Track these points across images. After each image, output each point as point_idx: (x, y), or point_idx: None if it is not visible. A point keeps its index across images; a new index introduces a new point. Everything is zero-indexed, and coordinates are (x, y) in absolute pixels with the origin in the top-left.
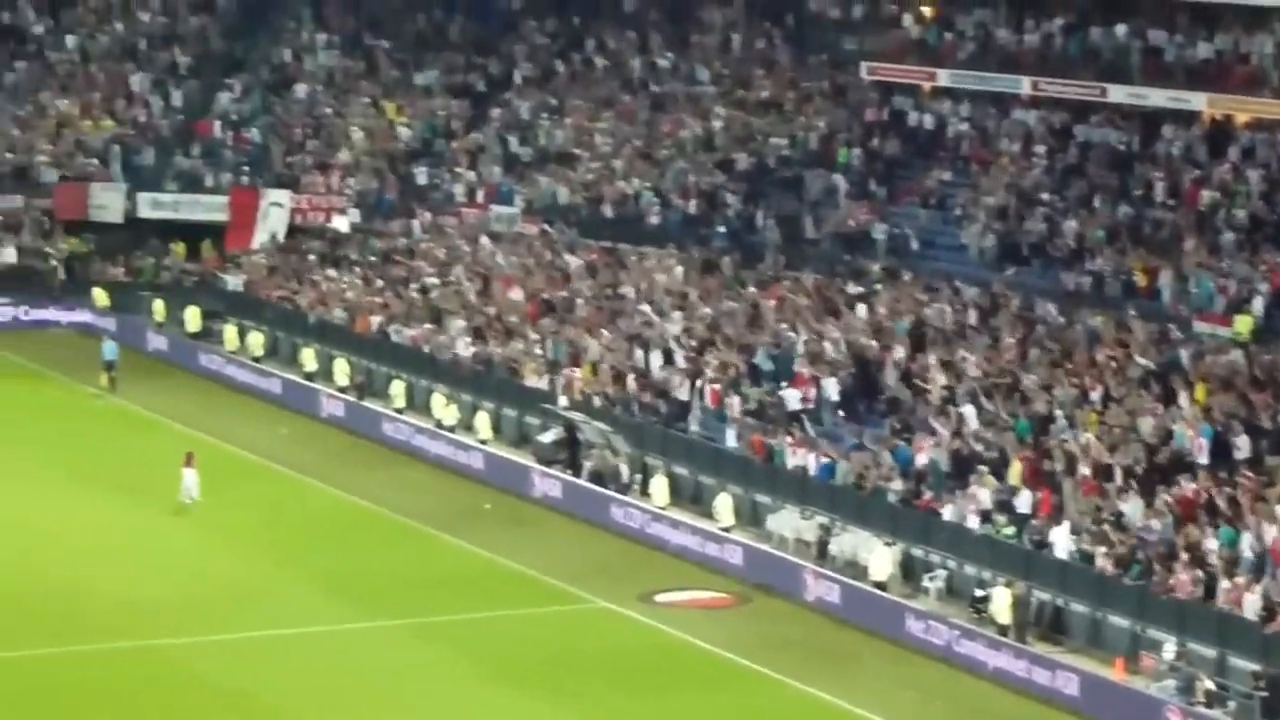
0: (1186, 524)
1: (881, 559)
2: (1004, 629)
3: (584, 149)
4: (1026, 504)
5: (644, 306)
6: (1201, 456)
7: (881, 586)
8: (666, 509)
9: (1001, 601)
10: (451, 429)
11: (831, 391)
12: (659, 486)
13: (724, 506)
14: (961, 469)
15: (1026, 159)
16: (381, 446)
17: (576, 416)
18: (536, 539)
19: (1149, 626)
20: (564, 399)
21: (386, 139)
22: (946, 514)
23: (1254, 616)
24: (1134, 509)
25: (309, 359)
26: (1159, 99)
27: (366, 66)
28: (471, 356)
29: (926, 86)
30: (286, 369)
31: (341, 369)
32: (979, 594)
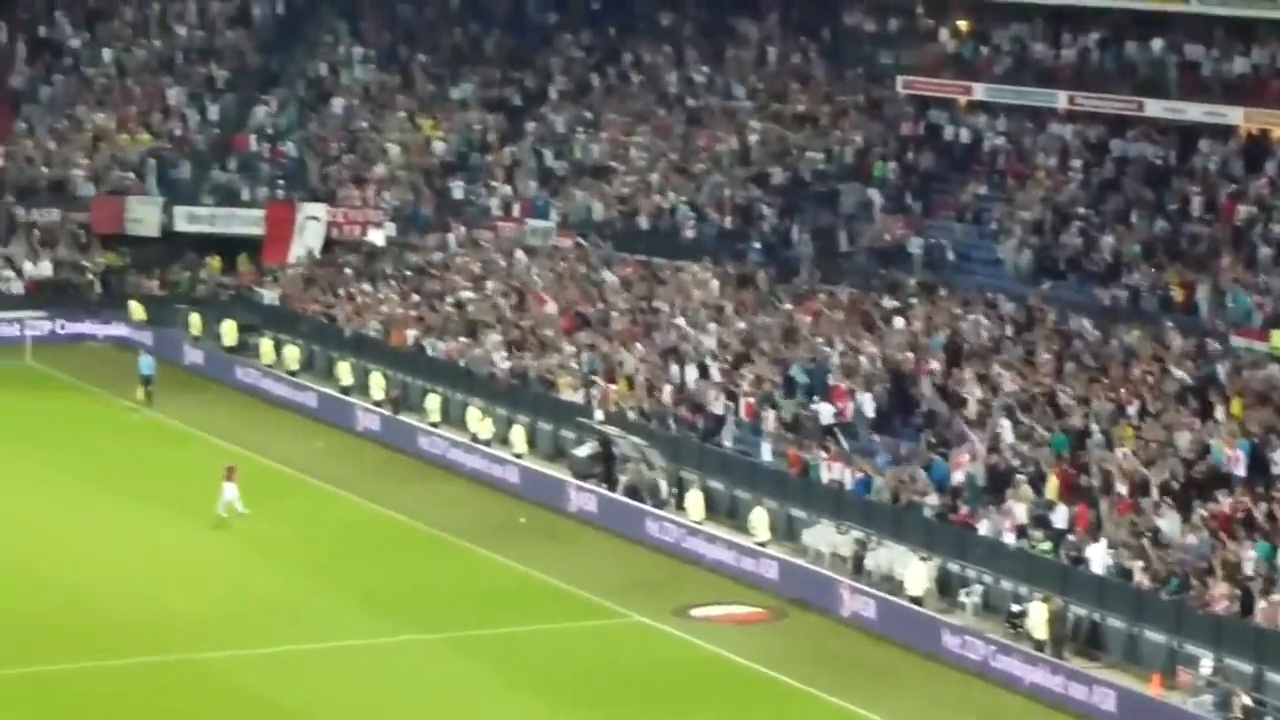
0: (1223, 539)
1: (917, 574)
2: (1040, 644)
3: (619, 163)
4: (1063, 519)
5: (679, 320)
6: (1238, 471)
7: (918, 601)
8: (702, 523)
9: (1038, 617)
10: (487, 443)
11: (867, 406)
12: (694, 501)
13: (759, 521)
14: (997, 484)
15: (1063, 173)
16: (417, 460)
17: (612, 430)
18: (572, 553)
19: (1186, 642)
20: (599, 413)
21: (422, 153)
22: (982, 529)
23: None
24: (1171, 524)
25: (345, 373)
26: (1195, 113)
27: (402, 80)
28: (507, 370)
29: (962, 100)
30: (322, 383)
31: (377, 383)
32: (1015, 609)
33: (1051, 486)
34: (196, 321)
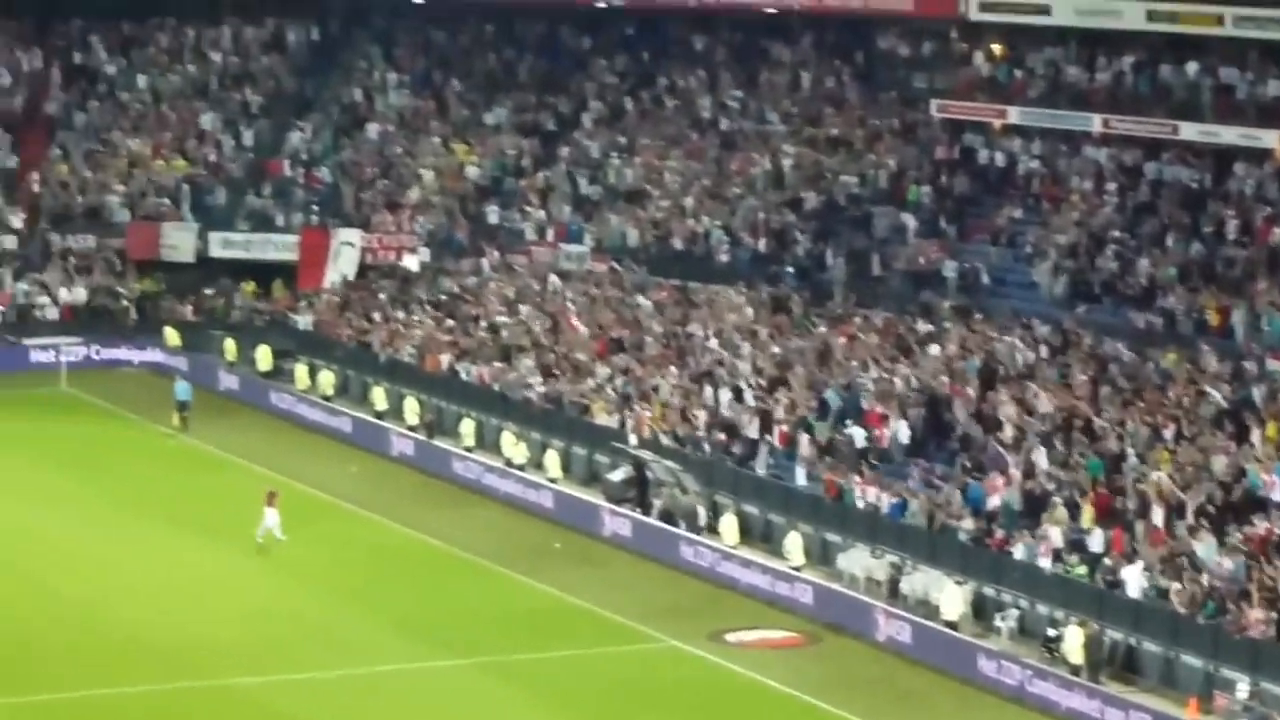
0: (1260, 562)
1: (953, 598)
2: (1076, 669)
3: (653, 187)
4: (1099, 543)
5: (713, 344)
6: (1275, 494)
7: (953, 626)
8: (736, 548)
9: (1074, 641)
10: (521, 467)
11: (902, 430)
12: (729, 525)
13: (794, 545)
14: (1033, 508)
15: (1098, 196)
16: (451, 485)
17: (646, 455)
18: (606, 578)
19: (1222, 666)
20: (633, 437)
21: (456, 178)
22: (1018, 553)
23: None
24: (1207, 548)
25: (379, 398)
26: (1230, 136)
27: (437, 106)
28: (541, 395)
29: (997, 124)
30: (357, 408)
31: (411, 407)
32: (1051, 633)
33: (1087, 510)
34: (231, 347)
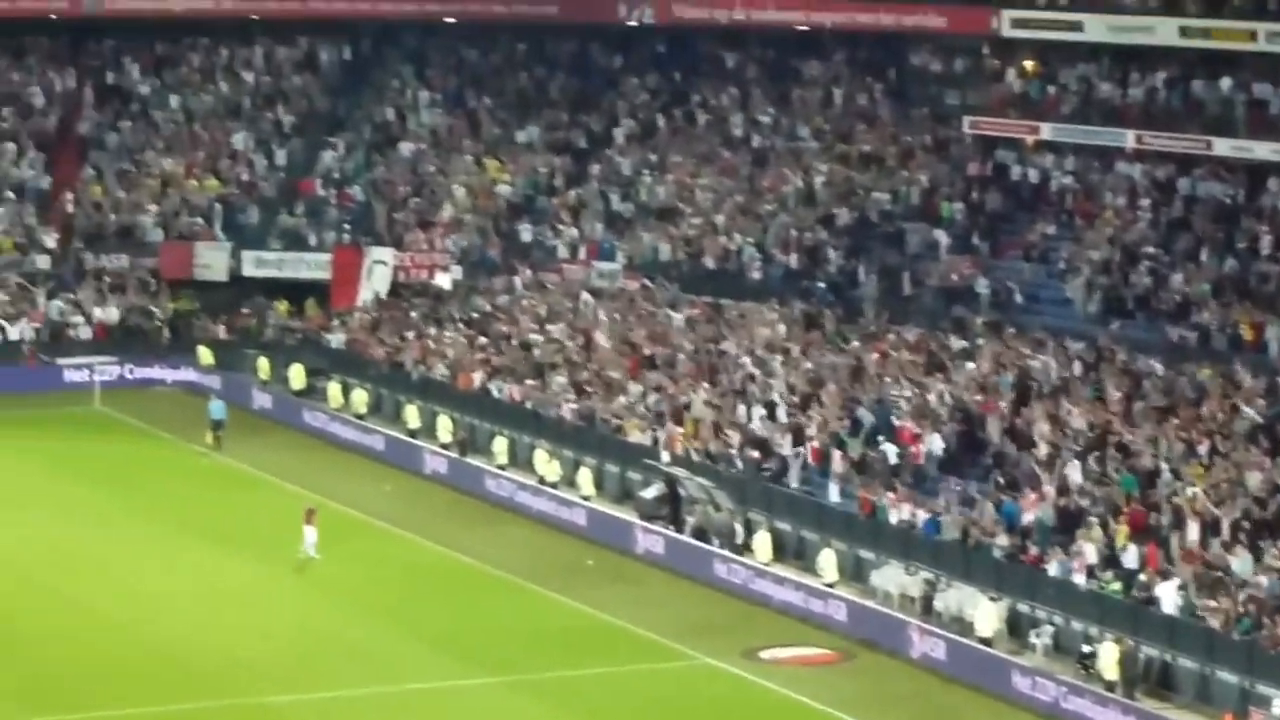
0: None
1: (987, 615)
2: (1111, 685)
3: (685, 204)
4: (1133, 559)
5: (745, 361)
6: None
7: (987, 642)
8: (770, 565)
9: (1109, 657)
10: (554, 485)
11: (936, 446)
12: (762, 542)
13: (828, 562)
14: (1067, 524)
15: (1131, 212)
16: (484, 503)
17: (679, 472)
18: (639, 595)
19: (1258, 682)
20: (666, 454)
21: (489, 196)
22: (1052, 569)
23: None
24: (1242, 564)
25: (412, 416)
26: (1264, 152)
27: (469, 124)
28: (574, 412)
29: (1029, 140)
30: (390, 426)
31: (445, 425)
32: (1086, 650)
33: (1122, 527)
34: (264, 366)
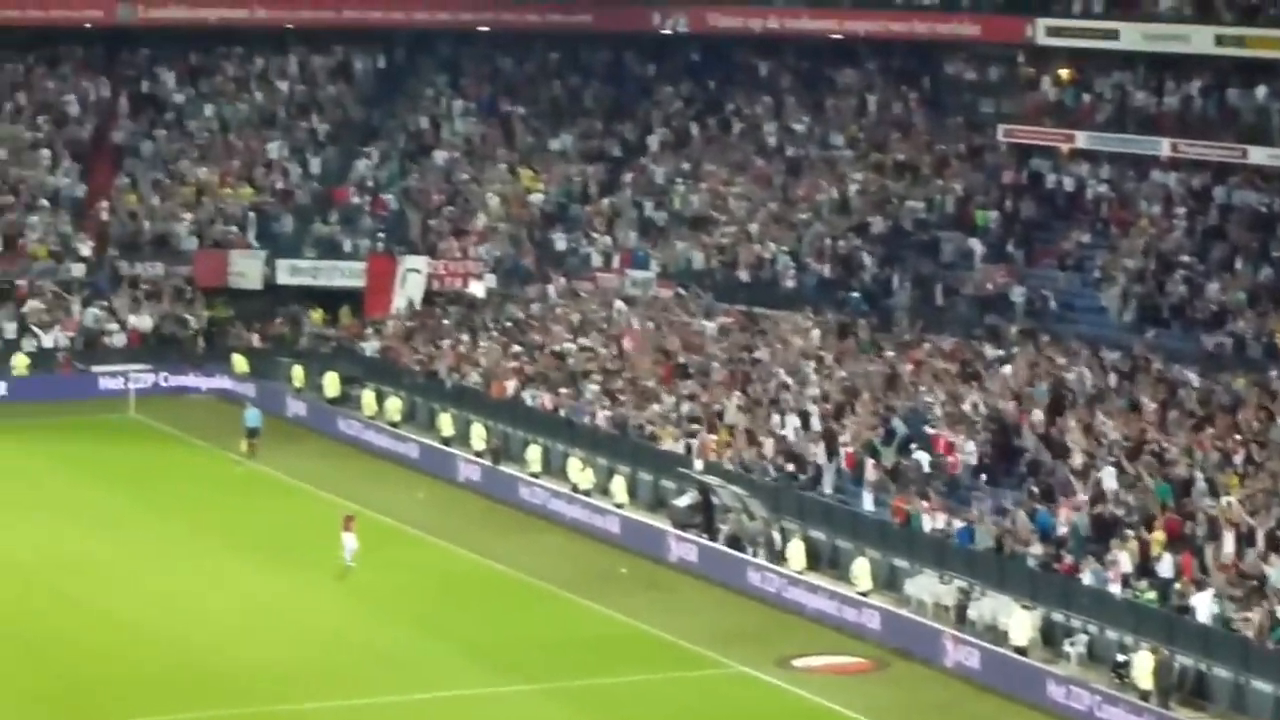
0: None
1: (1021, 623)
2: (1146, 694)
3: (719, 213)
4: (1168, 568)
5: (779, 370)
6: None
7: (1022, 651)
8: (803, 573)
9: (1143, 666)
10: (587, 493)
11: (970, 455)
12: (795, 550)
13: (861, 571)
14: (1102, 533)
15: (1166, 221)
16: (518, 510)
17: (712, 480)
18: (673, 603)
19: None
20: (699, 463)
21: (522, 205)
22: (1086, 578)
23: None
24: (1277, 573)
25: (446, 424)
26: None
27: (503, 133)
28: (607, 421)
29: (1064, 149)
30: (424, 434)
31: (478, 433)
32: (1120, 659)
33: (1157, 536)
34: (299, 373)
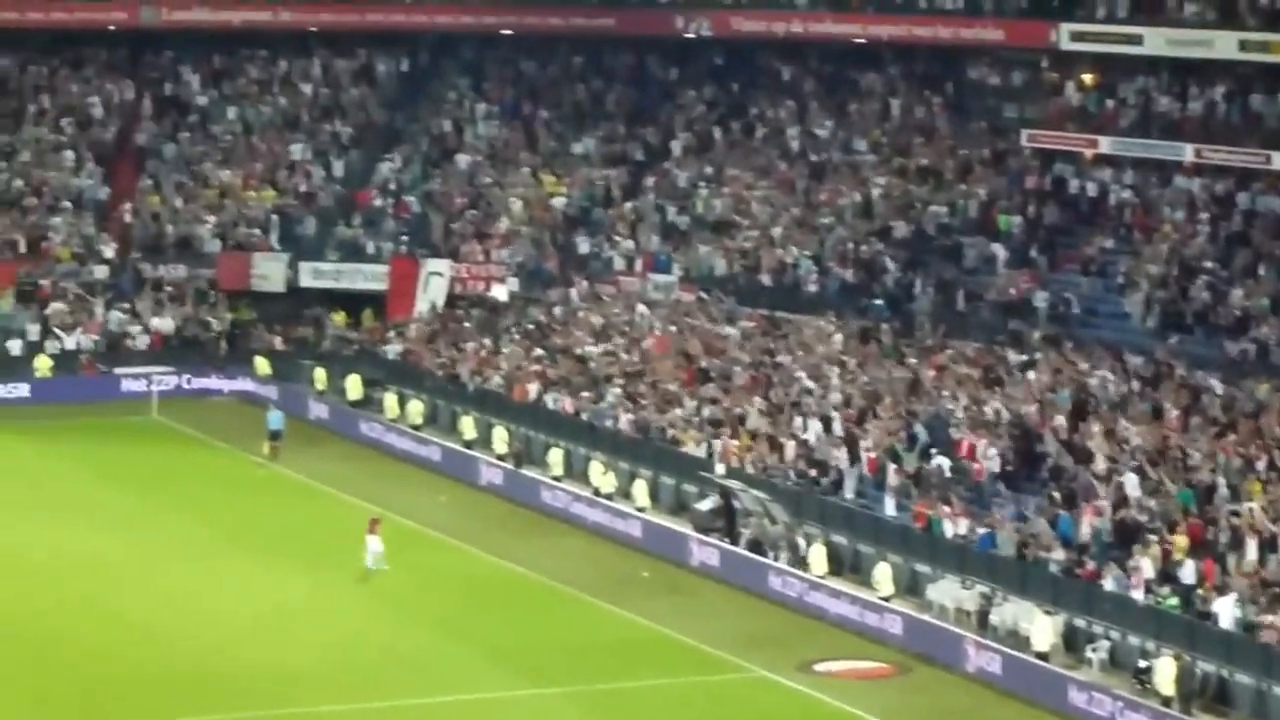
0: None
1: (1043, 629)
2: (1168, 700)
3: (742, 217)
4: (1190, 574)
5: (801, 374)
6: None
7: (1043, 657)
8: (825, 578)
9: (1165, 673)
10: (609, 497)
11: (992, 460)
12: (817, 555)
13: (883, 576)
14: (1124, 538)
15: (1190, 226)
16: (540, 514)
17: (734, 484)
18: (694, 607)
19: None
20: (721, 467)
21: (545, 208)
22: (1108, 584)
23: None
24: None
25: (468, 427)
26: None
27: (525, 136)
28: (629, 424)
29: (1088, 154)
30: (446, 437)
31: (500, 437)
32: (1142, 665)
33: (1179, 541)
34: (321, 376)
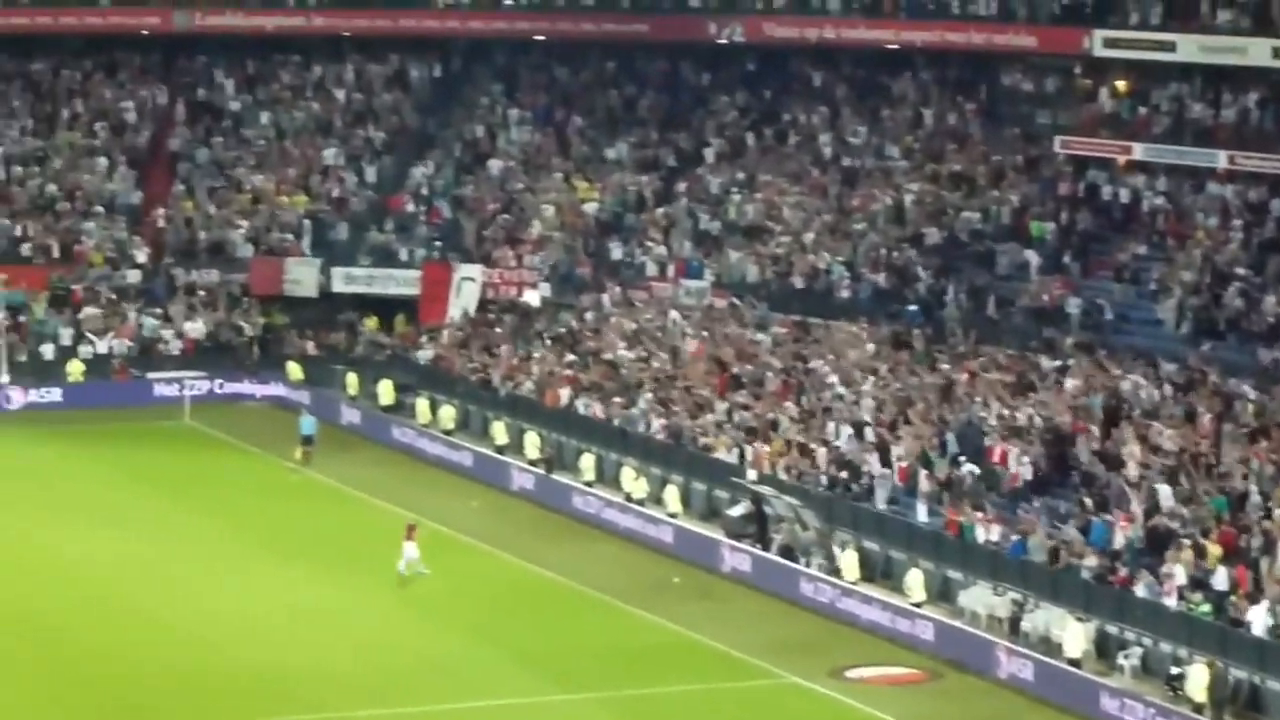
0: None
1: (1075, 636)
2: (1200, 707)
3: (774, 223)
4: (1223, 581)
5: (833, 380)
6: None
7: (1075, 663)
8: (856, 584)
9: (1198, 679)
10: (641, 502)
11: (1025, 467)
12: (849, 561)
13: (915, 582)
14: (1156, 545)
15: (1223, 233)
16: (571, 519)
17: (766, 490)
18: (726, 613)
19: None
20: (752, 473)
21: (577, 214)
22: (1141, 590)
23: None
24: None
25: (500, 432)
26: None
27: (558, 142)
28: (660, 429)
29: (1121, 160)
30: (478, 442)
31: (532, 442)
32: (1175, 671)
33: (1211, 548)
34: (353, 381)
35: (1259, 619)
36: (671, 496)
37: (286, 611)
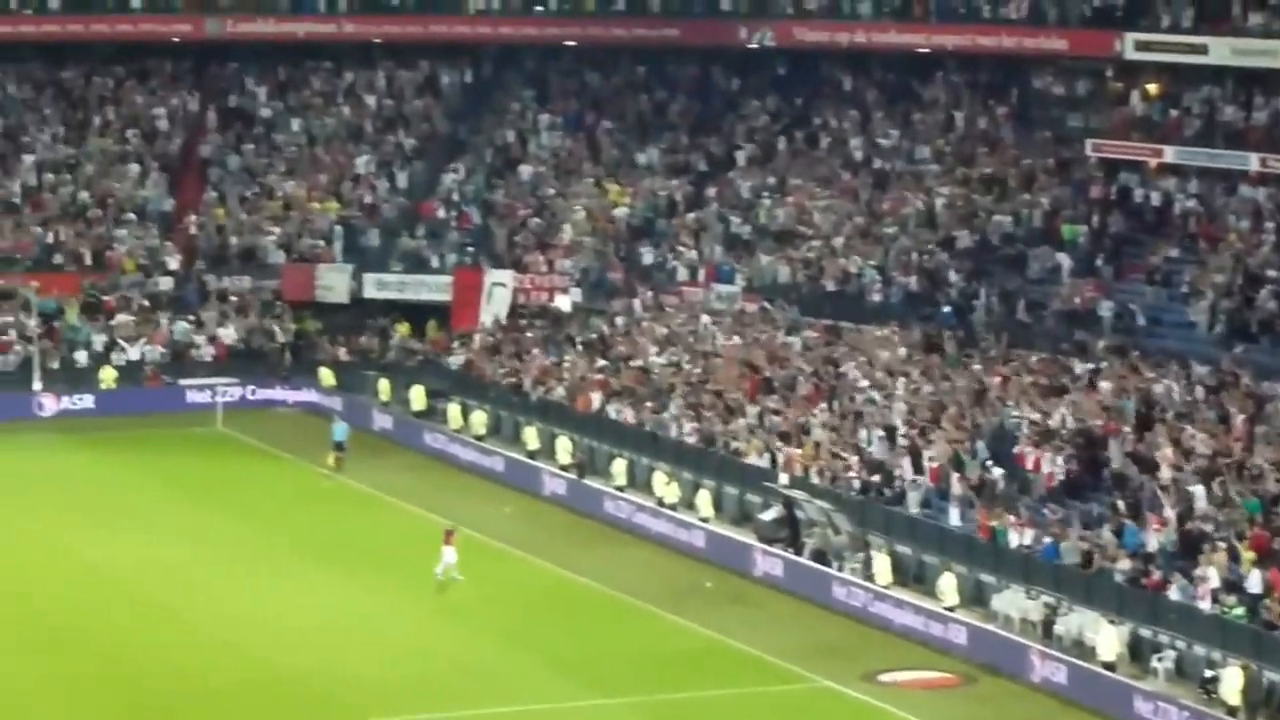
0: None
1: (1109, 639)
2: (1234, 710)
3: (805, 226)
4: (1257, 584)
5: (865, 384)
6: None
7: (1109, 667)
8: (889, 588)
9: (1232, 683)
10: (673, 507)
11: (1057, 470)
12: (881, 565)
13: (948, 586)
14: (1190, 548)
15: (1255, 235)
16: (603, 524)
17: (798, 494)
18: (758, 618)
19: None
20: (784, 477)
21: (608, 219)
22: (1174, 593)
23: None
24: None
25: (531, 437)
26: None
27: (589, 147)
28: (692, 434)
29: (1152, 163)
30: (509, 447)
31: (564, 447)
32: (1209, 674)
33: (1245, 551)
34: (385, 387)
35: None
36: (703, 501)
37: (320, 617)
